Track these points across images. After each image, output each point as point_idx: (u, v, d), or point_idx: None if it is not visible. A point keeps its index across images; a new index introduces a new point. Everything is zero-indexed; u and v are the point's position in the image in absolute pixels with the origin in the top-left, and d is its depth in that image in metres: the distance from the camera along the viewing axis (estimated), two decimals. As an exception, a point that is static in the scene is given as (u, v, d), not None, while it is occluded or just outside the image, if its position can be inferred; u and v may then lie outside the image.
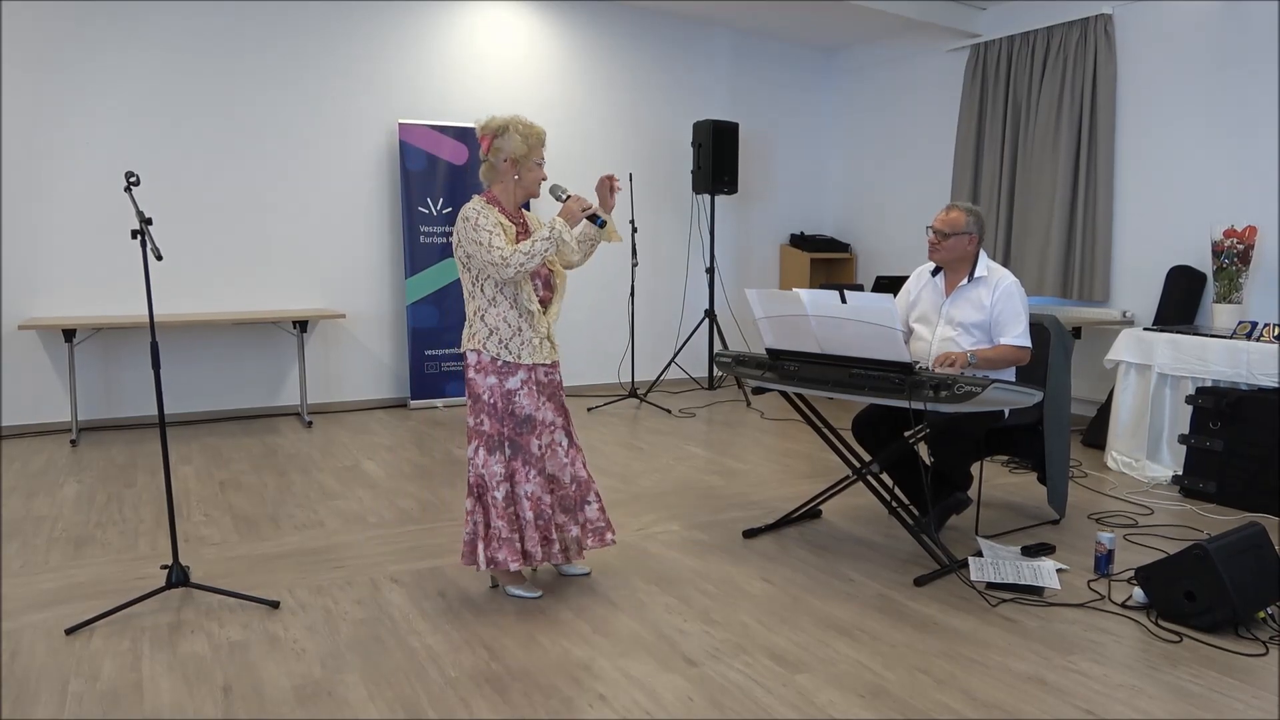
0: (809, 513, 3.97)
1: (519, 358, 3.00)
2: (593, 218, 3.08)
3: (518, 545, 3.01)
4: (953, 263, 3.63)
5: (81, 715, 2.33)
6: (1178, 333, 4.67)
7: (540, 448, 3.06)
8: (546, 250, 2.91)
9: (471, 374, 3.04)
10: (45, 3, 5.43)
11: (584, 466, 3.19)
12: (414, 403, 6.53)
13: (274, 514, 4.03)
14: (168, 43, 5.76)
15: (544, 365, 3.07)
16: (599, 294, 7.16)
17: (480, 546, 3.00)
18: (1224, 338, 4.45)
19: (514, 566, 3.00)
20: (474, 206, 3.01)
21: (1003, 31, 6.60)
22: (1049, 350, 3.78)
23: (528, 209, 3.25)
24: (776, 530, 3.83)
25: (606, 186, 3.14)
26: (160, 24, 5.73)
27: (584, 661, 2.64)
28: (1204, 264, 5.41)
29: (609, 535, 3.22)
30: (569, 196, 3.08)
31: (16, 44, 5.39)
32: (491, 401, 3.01)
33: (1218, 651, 2.70)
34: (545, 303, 3.10)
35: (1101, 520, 3.95)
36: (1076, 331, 5.83)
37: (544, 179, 3.11)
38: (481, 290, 3.03)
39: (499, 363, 3.00)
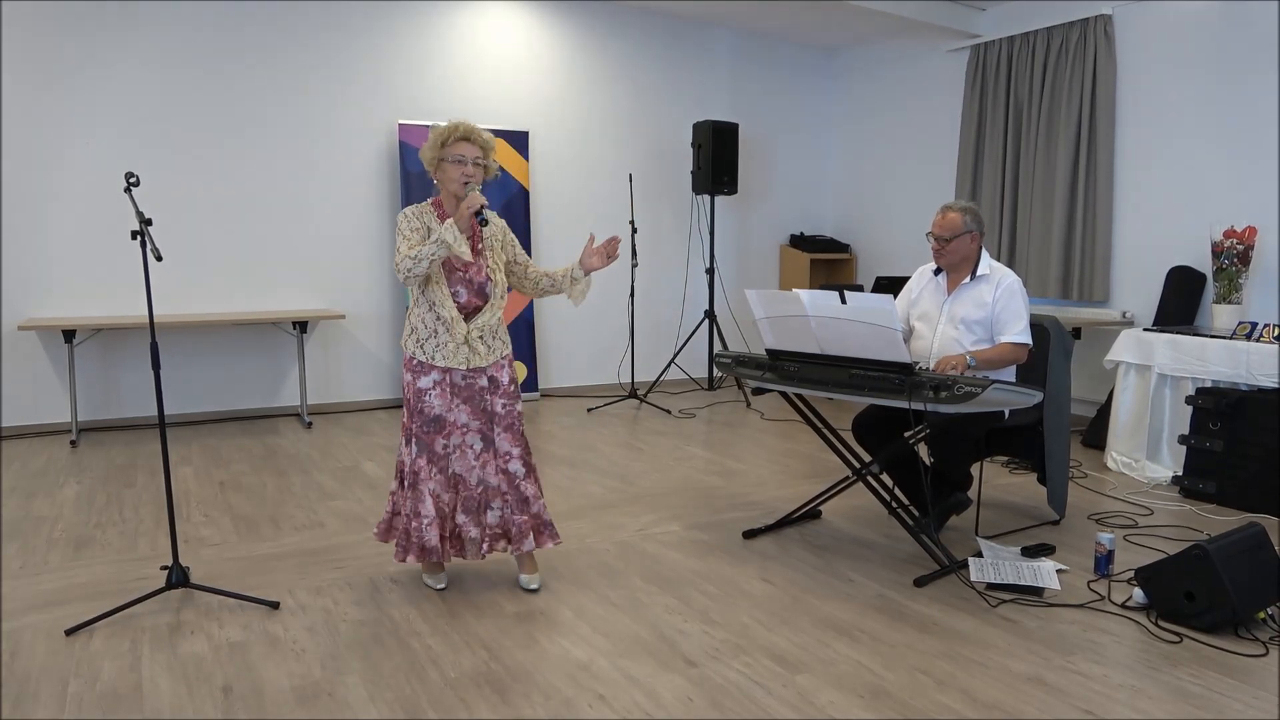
0: (809, 513, 3.97)
1: (432, 359, 3.03)
2: (478, 213, 2.89)
3: (387, 528, 3.19)
4: (958, 263, 3.63)
5: (81, 716, 2.33)
6: (1178, 333, 4.67)
7: (446, 448, 3.07)
8: (434, 254, 2.88)
9: (403, 368, 3.16)
10: (46, 4, 5.43)
11: (497, 473, 3.10)
12: (414, 403, 6.52)
13: (274, 515, 4.03)
14: (168, 43, 5.76)
15: (461, 369, 3.05)
16: (599, 294, 7.15)
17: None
18: (1224, 338, 4.45)
19: (373, 534, 3.28)
20: (407, 209, 3.08)
21: (1003, 32, 6.60)
22: (1049, 351, 3.79)
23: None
24: (776, 530, 3.83)
25: (601, 250, 3.11)
26: (160, 24, 5.73)
27: (584, 661, 2.64)
28: (1204, 264, 5.41)
29: (520, 545, 3.11)
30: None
31: (17, 45, 5.39)
32: (406, 396, 3.10)
33: (1218, 652, 2.70)
34: (474, 310, 3.06)
35: (1101, 521, 3.95)
36: (1076, 332, 5.83)
37: (463, 175, 2.96)
38: (412, 290, 3.10)
39: (414, 361, 3.06)
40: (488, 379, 3.09)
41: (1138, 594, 3.01)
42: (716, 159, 7.05)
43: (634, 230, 6.68)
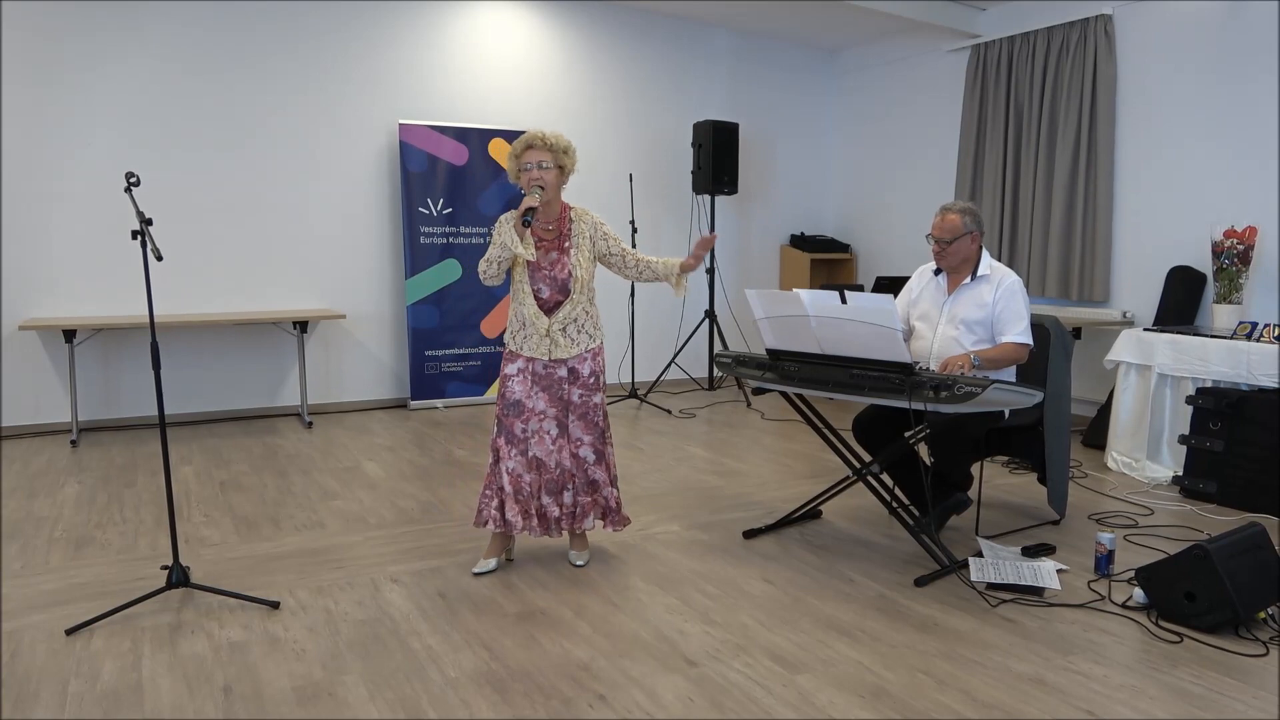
0: (809, 513, 3.97)
1: (520, 349, 3.32)
2: (524, 215, 3.14)
3: (491, 509, 3.32)
4: (958, 265, 3.63)
5: (82, 716, 2.33)
6: (1178, 333, 4.67)
7: (526, 431, 3.31)
8: (499, 257, 3.23)
9: None
10: (47, 4, 5.43)
11: (571, 457, 3.34)
12: (414, 403, 6.53)
13: (274, 514, 4.03)
14: (169, 43, 5.76)
15: (543, 359, 3.29)
16: (599, 294, 7.14)
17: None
18: (1224, 338, 4.45)
19: (473, 523, 3.41)
20: (505, 214, 3.34)
21: (1003, 32, 6.60)
22: (1049, 351, 3.78)
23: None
24: (777, 531, 3.83)
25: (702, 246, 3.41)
26: (161, 25, 5.73)
27: (584, 661, 2.64)
28: (1204, 264, 5.41)
29: (582, 523, 3.38)
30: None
31: (18, 45, 5.39)
32: (500, 384, 3.36)
33: (1218, 652, 2.70)
34: (556, 305, 3.31)
35: (1102, 521, 3.95)
36: (1077, 332, 5.83)
37: (530, 180, 3.23)
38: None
39: (507, 350, 3.37)
40: (568, 370, 3.34)
41: (1138, 594, 3.01)
42: (717, 159, 7.05)
43: (634, 230, 6.68)
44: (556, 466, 3.32)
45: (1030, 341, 3.51)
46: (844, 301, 3.19)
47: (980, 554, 3.45)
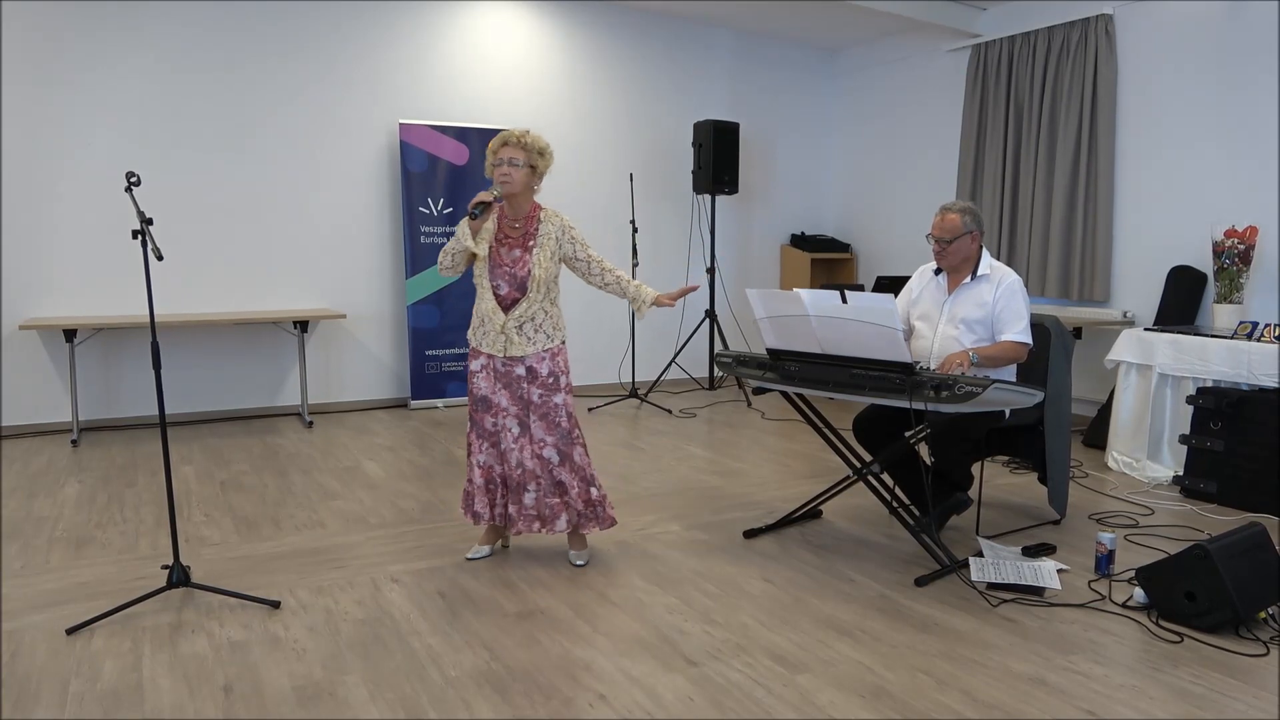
0: (809, 513, 3.97)
1: (480, 345, 3.36)
2: (471, 209, 3.21)
3: (469, 502, 3.45)
4: (959, 264, 3.63)
5: (82, 715, 2.33)
6: (1178, 333, 4.67)
7: (495, 425, 3.37)
8: (453, 248, 3.30)
9: None
10: (47, 4, 5.43)
11: (533, 458, 3.33)
12: (414, 403, 6.53)
13: (275, 514, 4.03)
14: (169, 43, 5.76)
15: (500, 356, 3.32)
16: (599, 294, 7.15)
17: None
18: (1225, 338, 4.45)
19: (462, 514, 3.51)
20: None
21: (1003, 32, 6.60)
22: (1049, 351, 3.78)
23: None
24: (777, 530, 3.83)
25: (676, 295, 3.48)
26: (162, 24, 5.73)
27: (584, 661, 2.64)
28: (1204, 264, 5.41)
29: (553, 526, 3.36)
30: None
31: (18, 45, 5.39)
32: (467, 380, 3.41)
33: (1219, 652, 2.70)
34: (514, 302, 3.30)
35: (1102, 520, 3.95)
36: (1077, 332, 5.83)
37: (499, 175, 3.25)
38: None
39: (470, 346, 3.41)
40: (526, 369, 3.33)
41: (1138, 594, 3.01)
42: (717, 159, 7.05)
43: (634, 230, 6.68)
44: (517, 465, 3.33)
45: (1030, 341, 3.50)
46: (844, 301, 3.19)
47: (981, 554, 3.45)
